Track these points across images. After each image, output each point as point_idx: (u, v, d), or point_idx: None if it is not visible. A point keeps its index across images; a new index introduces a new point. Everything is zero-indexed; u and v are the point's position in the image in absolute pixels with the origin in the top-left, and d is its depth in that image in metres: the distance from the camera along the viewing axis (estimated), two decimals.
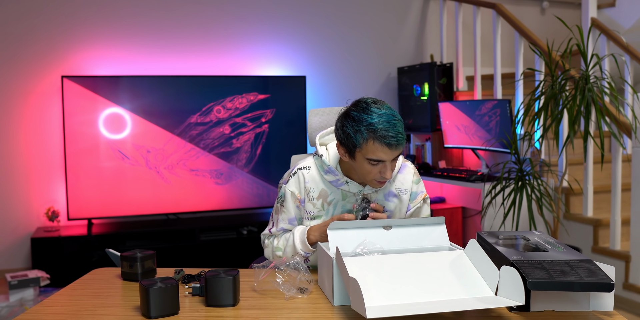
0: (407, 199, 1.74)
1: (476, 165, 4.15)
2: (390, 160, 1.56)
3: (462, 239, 4.05)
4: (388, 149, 1.52)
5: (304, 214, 1.72)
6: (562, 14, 4.60)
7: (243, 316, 1.27)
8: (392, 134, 1.51)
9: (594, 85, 2.89)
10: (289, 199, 1.71)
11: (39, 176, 3.86)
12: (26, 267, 3.82)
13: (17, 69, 3.81)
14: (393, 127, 1.52)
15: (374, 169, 1.56)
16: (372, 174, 1.57)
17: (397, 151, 1.55)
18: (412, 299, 1.20)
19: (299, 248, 1.65)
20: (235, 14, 4.27)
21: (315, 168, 1.71)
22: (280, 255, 1.70)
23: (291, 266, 1.40)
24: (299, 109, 4.12)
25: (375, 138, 1.51)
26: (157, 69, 4.08)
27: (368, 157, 1.54)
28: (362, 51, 4.60)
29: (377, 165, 1.56)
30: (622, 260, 3.15)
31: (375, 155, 1.53)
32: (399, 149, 1.55)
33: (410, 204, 1.75)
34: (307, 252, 1.65)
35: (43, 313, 1.31)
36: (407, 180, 1.75)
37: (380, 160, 1.54)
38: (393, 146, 1.52)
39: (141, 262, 1.52)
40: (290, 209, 1.71)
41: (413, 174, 1.77)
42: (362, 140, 1.53)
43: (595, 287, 1.18)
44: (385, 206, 1.72)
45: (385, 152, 1.53)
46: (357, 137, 1.53)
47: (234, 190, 4.02)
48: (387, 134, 1.51)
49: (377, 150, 1.52)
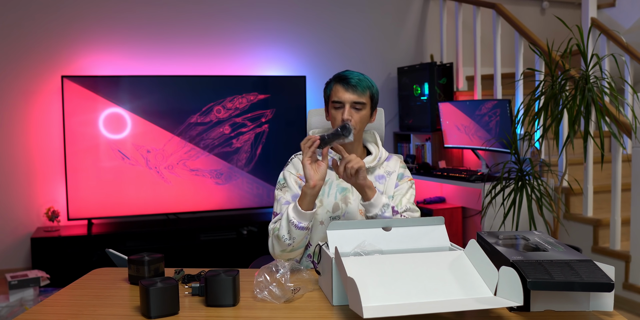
0: (395, 178, 1.85)
1: (476, 165, 4.15)
2: (350, 104, 1.70)
3: (462, 239, 4.05)
4: (345, 90, 1.70)
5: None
6: (562, 14, 4.60)
7: (243, 316, 1.27)
8: (351, 77, 1.71)
9: (594, 85, 2.89)
10: (288, 177, 1.80)
11: (39, 176, 3.86)
12: (26, 267, 3.82)
13: (17, 69, 3.82)
14: (355, 75, 1.72)
15: (337, 115, 1.72)
16: (337, 120, 1.72)
17: (355, 95, 1.70)
18: (410, 299, 1.20)
19: (291, 216, 1.63)
20: (236, 14, 4.27)
21: None
22: (277, 234, 1.68)
23: (282, 266, 1.39)
24: (299, 109, 4.12)
25: (337, 81, 1.73)
26: (157, 69, 4.08)
27: (332, 101, 1.73)
28: (362, 51, 4.60)
29: (339, 110, 1.71)
30: (622, 260, 3.15)
31: (337, 97, 1.71)
32: (358, 94, 1.70)
33: (398, 182, 1.84)
34: (300, 220, 1.63)
35: (43, 313, 1.31)
36: (395, 165, 1.87)
37: (340, 101, 1.70)
38: (351, 87, 1.70)
39: (149, 266, 1.49)
40: (292, 187, 1.78)
41: (400, 162, 1.90)
42: (330, 87, 1.75)
43: (595, 287, 1.18)
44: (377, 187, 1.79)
45: (343, 92, 1.70)
46: (328, 87, 1.76)
47: (234, 190, 4.02)
48: (347, 76, 1.72)
49: (337, 91, 1.72)
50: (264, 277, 1.36)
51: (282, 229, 1.66)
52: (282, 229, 1.66)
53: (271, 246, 1.74)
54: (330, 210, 1.77)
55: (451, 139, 4.02)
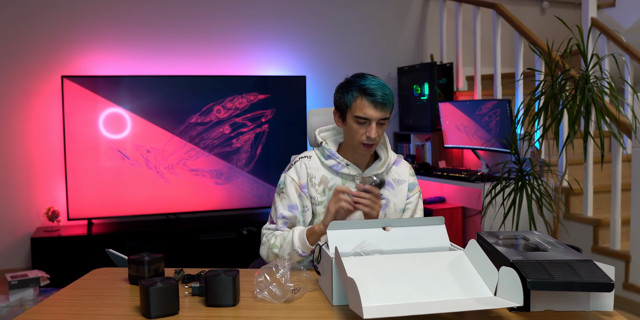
0: (405, 188, 1.83)
1: (476, 165, 4.15)
2: (376, 122, 1.66)
3: (462, 239, 4.05)
4: (374, 107, 1.65)
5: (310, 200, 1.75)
6: (562, 14, 4.60)
7: (243, 316, 1.27)
8: (379, 93, 1.65)
9: (594, 85, 2.89)
10: (288, 185, 1.76)
11: (39, 176, 3.86)
12: (26, 267, 3.82)
13: (17, 69, 3.81)
14: (381, 89, 1.66)
15: (360, 129, 1.67)
16: (359, 134, 1.68)
17: (383, 112, 1.66)
18: (410, 299, 1.20)
19: (297, 245, 1.65)
20: (236, 13, 4.27)
21: (316, 157, 1.79)
22: (277, 253, 1.70)
23: (283, 266, 1.39)
24: (299, 109, 4.12)
25: (363, 95, 1.66)
26: (157, 69, 4.08)
27: (356, 115, 1.66)
28: (362, 51, 4.60)
29: (364, 125, 1.67)
30: (622, 260, 3.15)
31: (362, 113, 1.65)
32: (385, 111, 1.67)
33: (409, 193, 1.83)
34: (305, 251, 1.65)
35: (43, 313, 1.31)
36: (403, 172, 1.85)
37: (366, 118, 1.65)
38: (379, 105, 1.65)
39: (149, 266, 1.49)
40: (290, 195, 1.75)
41: (409, 168, 1.88)
42: (352, 98, 1.67)
43: (595, 287, 1.18)
44: (383, 194, 1.78)
45: (371, 109, 1.65)
46: (349, 97, 1.68)
47: (234, 190, 4.02)
48: (375, 92, 1.65)
49: (364, 106, 1.65)
50: (264, 277, 1.36)
51: (283, 250, 1.68)
52: (284, 251, 1.68)
53: (265, 254, 1.76)
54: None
55: (451, 139, 4.02)
